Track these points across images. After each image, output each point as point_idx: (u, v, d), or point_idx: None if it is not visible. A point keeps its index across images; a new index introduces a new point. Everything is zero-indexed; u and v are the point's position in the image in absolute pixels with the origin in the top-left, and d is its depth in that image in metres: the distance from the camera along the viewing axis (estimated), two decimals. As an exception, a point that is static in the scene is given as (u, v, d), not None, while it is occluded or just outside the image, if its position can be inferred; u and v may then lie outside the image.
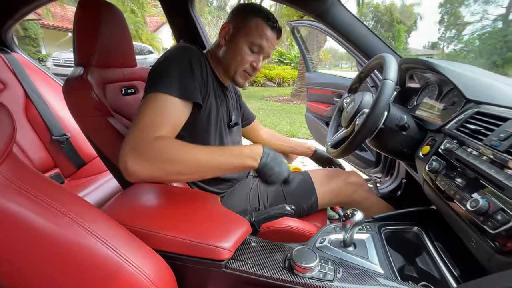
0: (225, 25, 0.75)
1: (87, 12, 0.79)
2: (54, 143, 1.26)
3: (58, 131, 1.27)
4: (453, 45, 35.80)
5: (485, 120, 0.54)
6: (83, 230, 0.43)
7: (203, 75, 0.69)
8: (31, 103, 1.23)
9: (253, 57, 0.75)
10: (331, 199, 0.91)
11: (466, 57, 27.64)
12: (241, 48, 0.73)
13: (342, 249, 0.60)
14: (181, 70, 0.64)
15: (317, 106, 1.98)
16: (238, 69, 0.75)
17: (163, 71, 0.64)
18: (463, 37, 32.60)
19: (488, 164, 0.47)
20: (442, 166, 0.60)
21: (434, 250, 0.61)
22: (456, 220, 0.51)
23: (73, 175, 1.33)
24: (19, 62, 1.25)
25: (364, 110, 0.80)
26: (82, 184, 1.18)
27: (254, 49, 0.74)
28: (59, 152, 1.28)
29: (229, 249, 0.53)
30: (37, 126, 1.24)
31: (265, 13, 0.73)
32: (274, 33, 0.74)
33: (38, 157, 1.21)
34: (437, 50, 39.52)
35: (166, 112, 0.59)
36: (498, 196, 0.42)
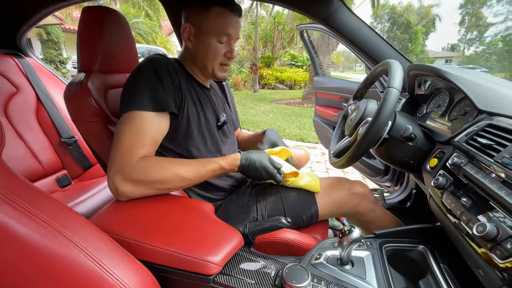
0: (185, 26, 0.73)
1: (90, 19, 0.81)
2: (63, 145, 1.30)
3: (67, 133, 1.30)
4: (474, 47, 34.33)
5: (498, 134, 0.50)
6: (66, 241, 0.42)
7: (174, 83, 0.68)
8: (42, 106, 1.28)
9: (224, 48, 0.74)
10: (333, 210, 0.87)
11: (489, 59, 26.38)
12: (210, 44, 0.72)
13: (339, 267, 0.57)
14: (149, 83, 0.64)
15: (325, 110, 1.93)
16: (215, 65, 0.75)
17: (133, 88, 0.64)
18: (485, 39, 31.18)
19: (498, 184, 0.42)
20: (450, 182, 0.55)
21: (440, 272, 0.56)
22: (462, 243, 0.47)
23: (80, 177, 1.36)
24: (32, 67, 1.30)
25: (367, 118, 0.76)
26: (88, 186, 1.20)
27: (223, 40, 0.72)
28: (67, 154, 1.31)
29: (218, 263, 0.51)
30: (47, 128, 1.28)
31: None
32: (235, 15, 0.72)
33: (46, 158, 1.25)
34: (457, 52, 38.04)
35: (144, 129, 0.61)
36: (508, 221, 0.38)
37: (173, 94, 0.67)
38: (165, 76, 0.67)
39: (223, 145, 0.86)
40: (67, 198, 1.09)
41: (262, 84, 10.15)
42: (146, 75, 0.65)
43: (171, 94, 0.67)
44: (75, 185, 1.31)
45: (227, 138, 0.91)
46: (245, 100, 7.23)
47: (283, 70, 11.40)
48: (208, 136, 0.80)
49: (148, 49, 8.90)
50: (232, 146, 0.93)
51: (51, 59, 8.61)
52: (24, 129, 1.20)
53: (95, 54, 0.81)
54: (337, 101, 1.84)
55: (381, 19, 37.55)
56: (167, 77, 0.67)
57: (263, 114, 5.38)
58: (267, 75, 10.29)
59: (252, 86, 9.23)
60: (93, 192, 1.09)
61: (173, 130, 0.70)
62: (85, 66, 0.81)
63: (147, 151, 0.61)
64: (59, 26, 8.63)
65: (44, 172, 1.22)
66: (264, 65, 11.22)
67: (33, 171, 1.18)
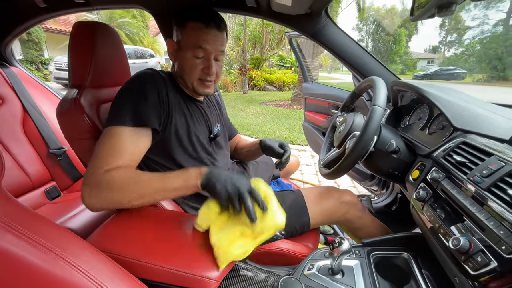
0: (168, 42, 0.75)
1: (82, 34, 0.81)
2: (51, 156, 1.27)
3: (55, 144, 1.28)
4: (454, 49, 35.85)
5: (471, 152, 0.55)
6: (68, 265, 0.43)
7: (161, 98, 0.68)
8: (29, 117, 1.25)
9: (202, 63, 0.72)
10: (324, 219, 0.91)
11: (467, 61, 27.64)
12: (186, 59, 0.71)
13: (330, 277, 0.60)
14: (133, 99, 0.64)
15: (314, 116, 1.98)
16: (193, 80, 0.74)
17: (117, 104, 0.65)
18: (464, 41, 32.67)
19: (470, 200, 0.47)
20: (429, 195, 0.60)
21: (421, 278, 0.61)
22: (440, 253, 0.51)
23: (69, 188, 1.34)
24: (17, 76, 1.27)
25: (355, 132, 0.80)
26: (77, 199, 1.18)
27: (199, 55, 0.70)
28: (55, 165, 1.29)
29: (215, 279, 0.54)
30: (34, 139, 1.25)
31: (194, 12, 0.69)
32: (211, 28, 0.69)
33: (34, 170, 1.22)
34: (438, 53, 39.55)
35: (119, 144, 0.60)
36: (479, 235, 0.43)
37: (158, 109, 0.67)
38: (151, 91, 0.66)
39: (217, 157, 0.88)
40: (57, 211, 1.07)
41: (251, 86, 10.18)
42: (131, 91, 0.66)
43: (155, 109, 0.66)
44: (64, 196, 1.28)
45: (221, 150, 0.92)
46: (235, 102, 7.24)
47: (272, 71, 11.47)
48: (200, 148, 0.81)
49: (134, 50, 8.73)
50: (225, 158, 0.95)
51: (32, 60, 8.27)
52: (10, 141, 1.17)
53: (87, 69, 0.81)
54: (326, 107, 1.89)
55: (367, 21, 38.51)
56: (153, 92, 0.67)
57: (253, 116, 5.41)
58: (256, 77, 10.33)
59: (241, 87, 9.24)
60: (83, 207, 1.08)
61: (162, 143, 0.71)
62: (77, 82, 0.81)
63: (122, 163, 0.59)
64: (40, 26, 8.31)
65: (32, 184, 1.20)
66: (253, 67, 11.26)
67: (21, 184, 1.15)
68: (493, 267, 0.38)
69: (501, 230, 0.39)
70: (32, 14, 1.06)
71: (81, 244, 0.48)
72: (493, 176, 0.45)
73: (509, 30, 26.38)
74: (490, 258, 0.39)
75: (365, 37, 38.12)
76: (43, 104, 1.33)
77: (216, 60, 0.74)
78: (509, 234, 0.38)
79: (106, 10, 8.02)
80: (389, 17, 39.49)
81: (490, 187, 0.44)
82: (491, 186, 0.44)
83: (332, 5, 0.96)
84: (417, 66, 35.17)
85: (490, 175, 0.45)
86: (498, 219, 0.41)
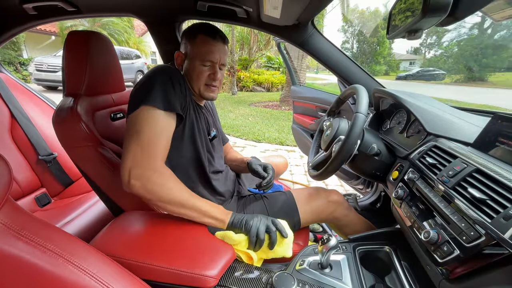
0: (177, 54, 0.84)
1: (76, 43, 0.82)
2: (41, 162, 1.26)
3: (45, 150, 1.27)
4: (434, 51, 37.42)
5: (440, 154, 0.62)
6: (76, 269, 0.46)
7: (182, 91, 0.76)
8: (17, 124, 1.23)
9: (208, 70, 0.81)
10: (313, 218, 0.97)
11: (446, 62, 28.94)
12: (195, 67, 0.80)
13: (319, 271, 0.66)
14: (163, 85, 0.71)
15: (303, 119, 2.05)
16: (200, 85, 0.82)
17: (147, 86, 0.71)
18: (442, 43, 34.19)
19: (439, 198, 0.54)
20: (406, 194, 0.67)
21: (401, 269, 0.67)
22: (415, 245, 0.58)
23: (60, 194, 1.33)
24: (4, 82, 1.25)
25: (340, 136, 0.87)
26: (70, 204, 1.18)
27: (207, 63, 0.80)
28: (45, 171, 1.28)
29: (214, 276, 0.58)
30: (22, 146, 1.24)
31: (203, 28, 0.80)
32: (217, 41, 0.80)
33: (24, 177, 1.21)
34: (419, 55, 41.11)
35: (160, 128, 0.67)
36: (445, 228, 0.49)
37: (181, 99, 0.75)
38: (176, 83, 0.74)
39: (215, 155, 0.94)
40: (50, 218, 1.07)
41: (240, 87, 10.21)
42: (160, 77, 0.72)
43: (179, 99, 0.74)
44: (55, 203, 1.28)
45: (216, 152, 0.97)
46: (224, 103, 7.25)
47: (261, 72, 11.56)
48: (206, 144, 0.88)
49: (120, 51, 8.52)
50: (221, 159, 1.00)
51: (10, 61, 7.91)
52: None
53: (82, 78, 0.82)
54: (314, 110, 1.97)
55: (352, 23, 39.48)
56: (177, 84, 0.74)
57: (243, 118, 5.45)
58: (244, 78, 10.37)
59: (230, 88, 9.25)
60: (80, 211, 1.09)
61: (178, 133, 0.78)
62: (72, 90, 0.82)
63: (165, 154, 0.68)
64: (19, 25, 7.95)
65: (22, 192, 1.19)
66: (242, 68, 11.30)
67: (10, 192, 1.14)
68: (456, 254, 0.45)
69: (463, 223, 0.46)
70: (21, 21, 1.06)
71: (87, 248, 0.51)
72: (457, 176, 0.52)
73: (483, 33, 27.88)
74: (454, 247, 0.46)
75: (350, 39, 39.05)
76: (31, 110, 1.32)
77: (219, 69, 0.84)
78: (469, 226, 0.45)
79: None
80: (372, 19, 40.66)
81: (455, 186, 0.51)
82: (455, 185, 0.51)
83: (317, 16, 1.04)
84: (400, 67, 36.41)
85: (455, 176, 0.52)
86: (460, 214, 0.47)
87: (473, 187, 0.48)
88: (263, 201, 0.96)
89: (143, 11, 1.05)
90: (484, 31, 27.46)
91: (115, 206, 0.83)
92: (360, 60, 32.67)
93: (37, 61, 7.05)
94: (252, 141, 3.89)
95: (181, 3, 1.00)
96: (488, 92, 12.86)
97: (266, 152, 3.42)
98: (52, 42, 10.30)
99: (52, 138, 1.31)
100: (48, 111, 1.40)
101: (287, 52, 2.37)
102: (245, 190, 1.08)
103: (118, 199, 0.83)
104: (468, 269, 0.45)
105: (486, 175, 0.47)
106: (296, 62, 6.45)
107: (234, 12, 0.99)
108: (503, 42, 26.78)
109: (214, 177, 0.91)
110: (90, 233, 0.99)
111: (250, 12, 0.97)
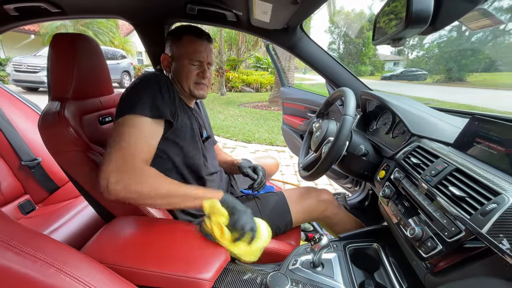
0: (164, 57, 0.85)
1: (62, 46, 0.80)
2: (24, 168, 1.22)
3: (28, 156, 1.22)
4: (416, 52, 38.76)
5: (424, 155, 0.65)
6: (69, 278, 0.46)
7: (170, 96, 0.76)
8: (-2, 128, 1.18)
9: (196, 68, 0.82)
10: (305, 217, 0.99)
11: (427, 63, 30.04)
12: (183, 66, 0.81)
13: (312, 270, 0.68)
14: (151, 92, 0.71)
15: (292, 120, 2.08)
16: (190, 84, 0.83)
17: (134, 95, 0.70)
18: (424, 45, 35.48)
19: (423, 196, 0.57)
20: (393, 192, 0.70)
21: (389, 265, 0.71)
22: (402, 241, 0.61)
23: (45, 201, 1.29)
24: (-17, 85, 1.19)
25: (329, 138, 0.89)
26: (56, 211, 1.15)
27: (195, 62, 0.82)
28: (29, 177, 1.23)
29: (209, 279, 0.58)
30: (4, 151, 1.19)
31: (188, 29, 0.82)
32: (203, 40, 0.82)
33: (6, 184, 1.16)
34: (402, 56, 42.45)
35: (144, 134, 0.66)
36: (429, 225, 0.52)
37: (169, 106, 0.74)
38: (165, 89, 0.74)
39: (208, 157, 0.94)
40: (35, 226, 1.04)
41: (229, 87, 10.18)
42: (148, 85, 0.72)
43: (168, 105, 0.74)
44: (40, 210, 1.23)
45: (209, 153, 0.97)
46: (213, 104, 7.21)
47: (249, 73, 11.57)
48: (196, 147, 0.88)
49: (104, 51, 8.27)
50: (214, 160, 1.01)
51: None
52: (-23, 154, 1.10)
53: (69, 82, 0.80)
54: (303, 111, 2.00)
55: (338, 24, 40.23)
56: (166, 90, 0.74)
57: (232, 118, 5.44)
58: (233, 78, 10.35)
59: (219, 89, 9.21)
60: (68, 217, 1.06)
61: (170, 138, 0.77)
62: (59, 94, 0.80)
63: (148, 156, 0.66)
64: (-6, 23, 7.57)
65: (4, 199, 1.14)
66: (230, 68, 11.27)
67: (-8, 200, 1.09)
68: (439, 249, 0.48)
69: (445, 220, 0.49)
70: (1, 23, 1.01)
71: (79, 256, 0.50)
72: (439, 175, 0.55)
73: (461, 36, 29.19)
74: (437, 243, 0.49)
75: (337, 40, 39.79)
76: (13, 114, 1.27)
77: (207, 68, 0.85)
78: (450, 222, 0.48)
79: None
80: (358, 20, 41.61)
81: (437, 185, 0.54)
82: (437, 184, 0.54)
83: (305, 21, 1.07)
84: (385, 67, 37.47)
85: (437, 175, 0.55)
86: (442, 211, 0.50)
87: (453, 185, 0.51)
88: (256, 202, 0.97)
89: (131, 13, 1.04)
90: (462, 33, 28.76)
91: (105, 211, 0.82)
92: (346, 61, 33.35)
93: (16, 61, 6.74)
94: (242, 142, 3.89)
95: (170, 6, 1.00)
96: (467, 92, 13.47)
97: (257, 153, 3.44)
98: (30, 41, 9.88)
99: (36, 142, 1.27)
100: (32, 115, 1.35)
101: (276, 53, 2.40)
102: (237, 190, 1.09)
103: (108, 204, 0.82)
104: (450, 263, 0.48)
105: (465, 174, 0.51)
106: (285, 63, 6.51)
107: (224, 15, 0.99)
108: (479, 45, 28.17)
109: (209, 178, 0.92)
110: (79, 240, 0.97)
111: (240, 16, 0.98)
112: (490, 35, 28.00)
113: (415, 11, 0.42)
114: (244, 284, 0.63)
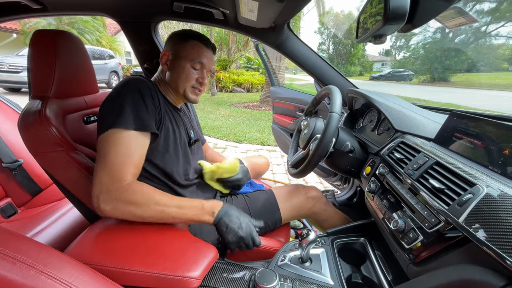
0: (164, 53, 0.82)
1: (42, 44, 0.78)
2: (5, 170, 1.17)
3: (9, 157, 1.18)
4: (403, 53, 39.78)
5: (407, 150, 0.67)
6: (51, 279, 0.44)
7: (155, 103, 0.73)
8: (-25, 129, 1.13)
9: (197, 73, 0.82)
10: (294, 214, 1.00)
11: (414, 63, 30.89)
12: (184, 67, 0.80)
13: (300, 265, 0.68)
14: (133, 103, 0.68)
15: (282, 119, 2.10)
16: (187, 87, 0.82)
17: (116, 107, 0.67)
18: (410, 46, 36.44)
19: (406, 190, 0.59)
20: (378, 187, 0.72)
21: (375, 258, 0.72)
22: (386, 234, 0.62)
23: (27, 204, 1.24)
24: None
25: (317, 135, 0.90)
26: (39, 214, 1.11)
27: (196, 67, 0.82)
28: (10, 180, 1.19)
29: (197, 277, 0.58)
30: (-17, 153, 1.14)
31: (197, 35, 0.83)
32: (209, 49, 0.84)
33: (-15, 187, 1.12)
34: (390, 56, 43.45)
35: (131, 150, 0.64)
36: (411, 217, 0.54)
37: (155, 114, 0.72)
38: (148, 96, 0.71)
39: (193, 161, 0.92)
40: (18, 229, 1.00)
41: (219, 87, 10.14)
42: (130, 95, 0.69)
43: (153, 114, 0.71)
44: (22, 213, 1.19)
45: (196, 155, 0.96)
46: (204, 104, 7.15)
47: (240, 73, 11.55)
48: (182, 153, 0.85)
49: (91, 51, 8.07)
50: None
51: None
52: (-47, 156, 1.05)
53: (51, 80, 0.78)
54: (292, 110, 2.01)
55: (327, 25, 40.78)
56: (149, 97, 0.72)
57: (223, 119, 5.41)
58: (224, 78, 10.31)
59: (209, 89, 9.15)
60: (52, 220, 1.03)
61: (152, 147, 0.74)
62: (39, 93, 0.78)
63: (133, 172, 0.64)
64: (-27, 21, 7.25)
65: (-17, 203, 1.09)
66: (221, 68, 11.23)
67: (-30, 204, 1.05)
68: (420, 240, 0.49)
69: (425, 211, 0.50)
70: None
71: (61, 258, 0.49)
72: (421, 169, 0.57)
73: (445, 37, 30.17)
74: (418, 234, 0.50)
75: (327, 40, 40.33)
76: (-7, 114, 1.22)
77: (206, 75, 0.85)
78: (430, 214, 0.49)
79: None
80: (347, 21, 42.31)
81: (418, 178, 0.56)
82: (419, 177, 0.56)
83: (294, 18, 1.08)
84: (373, 67, 38.26)
85: (419, 168, 0.57)
86: (424, 203, 0.52)
87: (433, 178, 0.52)
88: (245, 200, 0.97)
89: (116, 10, 1.02)
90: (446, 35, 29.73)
91: (90, 212, 0.80)
92: (336, 62, 33.83)
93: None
94: (233, 142, 3.88)
95: (156, 4, 0.99)
96: (451, 92, 13.93)
97: (248, 153, 3.44)
98: (13, 40, 9.51)
99: (17, 144, 1.22)
100: (12, 115, 1.30)
101: (266, 53, 2.41)
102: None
103: (94, 205, 0.80)
104: (430, 252, 0.50)
105: (444, 167, 0.52)
106: (275, 63, 6.54)
107: (211, 13, 0.99)
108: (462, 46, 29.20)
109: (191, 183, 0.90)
110: (64, 242, 0.94)
111: (227, 14, 0.98)
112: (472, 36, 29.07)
113: (392, 8, 0.44)
114: (233, 281, 0.63)
